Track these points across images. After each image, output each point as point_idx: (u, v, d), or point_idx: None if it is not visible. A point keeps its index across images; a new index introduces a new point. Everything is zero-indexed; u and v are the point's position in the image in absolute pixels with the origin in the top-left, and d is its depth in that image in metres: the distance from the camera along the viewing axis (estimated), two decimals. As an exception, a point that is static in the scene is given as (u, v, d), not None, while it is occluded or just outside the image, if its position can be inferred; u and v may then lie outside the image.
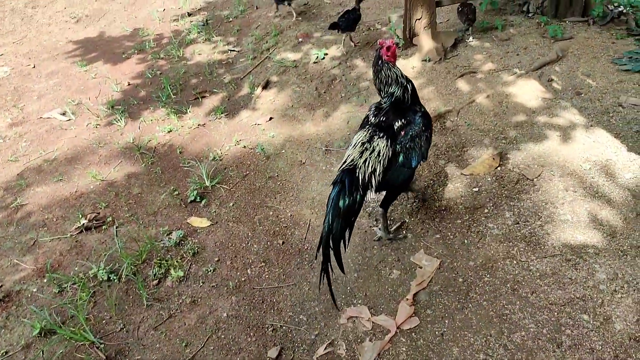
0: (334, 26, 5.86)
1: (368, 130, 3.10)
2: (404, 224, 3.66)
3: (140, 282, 3.43)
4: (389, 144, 3.02)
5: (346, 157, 3.06)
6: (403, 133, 3.06)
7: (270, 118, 5.15)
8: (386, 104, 3.14)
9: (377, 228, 3.63)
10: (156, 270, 3.57)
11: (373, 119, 3.17)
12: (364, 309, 3.09)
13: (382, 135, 3.04)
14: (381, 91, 3.16)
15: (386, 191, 3.27)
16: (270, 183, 4.30)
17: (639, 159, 3.72)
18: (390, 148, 3.02)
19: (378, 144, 3.01)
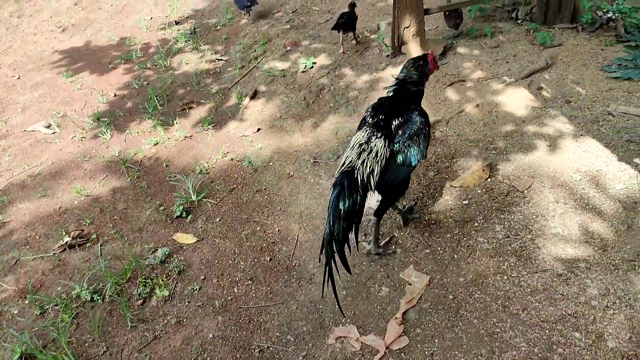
0: (337, 27, 5.99)
1: (366, 130, 3.11)
2: (393, 239, 3.60)
3: (124, 303, 3.35)
4: (387, 144, 3.01)
5: (344, 159, 3.06)
6: (401, 132, 3.05)
7: (258, 129, 5.09)
8: (391, 88, 3.29)
9: (366, 242, 3.57)
10: (141, 289, 3.50)
11: (370, 120, 3.18)
12: (353, 329, 3.02)
13: (380, 135, 3.04)
14: (405, 69, 3.32)
15: (383, 196, 3.24)
16: (257, 197, 4.23)
17: (630, 169, 3.68)
18: (388, 148, 3.01)
19: (375, 144, 3.00)
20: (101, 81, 6.65)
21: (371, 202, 3.53)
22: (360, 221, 3.03)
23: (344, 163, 3.03)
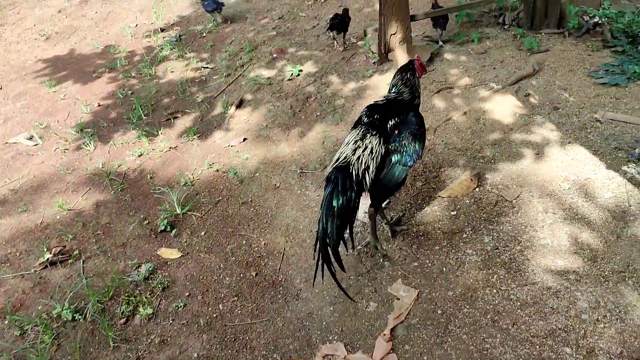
0: (332, 27, 6.11)
1: (361, 129, 3.10)
2: (404, 218, 3.66)
3: (106, 322, 3.27)
4: (382, 142, 3.01)
5: (338, 155, 3.04)
6: (397, 132, 3.05)
7: (244, 139, 5.01)
8: (383, 100, 3.24)
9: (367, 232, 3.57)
10: (124, 307, 3.41)
11: (366, 119, 3.17)
12: (340, 346, 2.96)
13: (375, 133, 3.04)
14: (394, 86, 3.29)
15: (378, 194, 3.22)
16: (243, 209, 4.16)
17: (618, 177, 3.65)
18: (382, 145, 3.00)
19: (370, 141, 3.00)
20: (85, 91, 6.54)
21: (360, 214, 3.49)
22: (354, 221, 2.98)
23: (338, 159, 3.01)
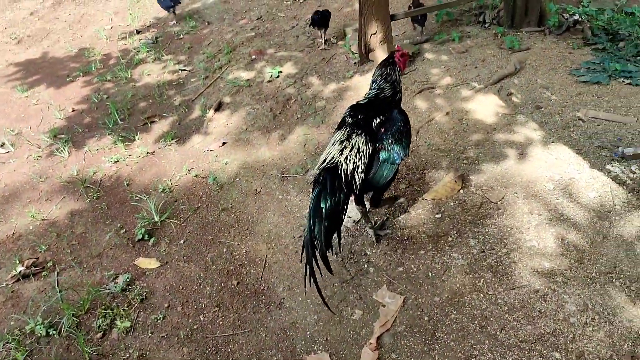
0: (313, 23, 6.07)
1: (346, 129, 3.06)
2: (387, 222, 3.63)
3: (82, 337, 3.14)
4: (368, 140, 2.96)
5: (325, 156, 2.98)
6: (383, 130, 3.02)
7: (223, 143, 4.90)
8: (364, 100, 3.19)
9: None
10: (100, 321, 3.28)
11: (350, 119, 3.12)
12: (325, 356, 2.87)
13: (360, 132, 2.99)
14: (374, 82, 3.22)
15: (374, 190, 3.20)
16: (223, 216, 4.05)
17: (602, 176, 3.62)
18: (369, 144, 2.96)
19: (357, 141, 2.95)
20: (58, 95, 6.36)
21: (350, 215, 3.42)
22: (341, 223, 2.91)
23: (325, 160, 2.95)
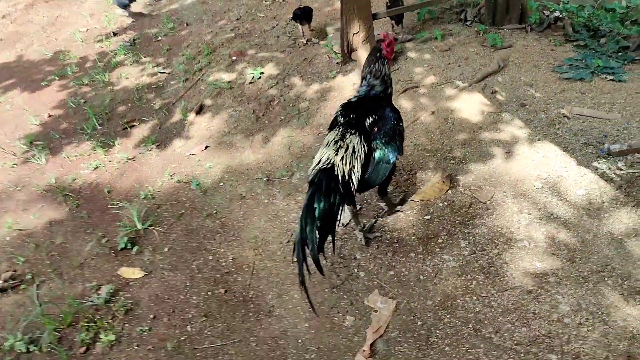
0: (295, 17, 6.10)
1: (339, 129, 3.01)
2: (376, 224, 3.57)
3: (63, 352, 3.02)
4: (362, 140, 2.92)
5: (320, 157, 2.91)
6: (377, 129, 2.98)
7: (205, 147, 4.79)
8: (354, 98, 3.14)
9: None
10: (83, 335, 3.15)
11: (342, 119, 3.06)
12: (318, 365, 2.81)
13: (354, 131, 2.94)
14: (364, 79, 3.15)
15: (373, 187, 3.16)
16: (208, 222, 3.95)
17: (589, 173, 3.61)
18: (364, 144, 2.92)
19: (351, 140, 2.90)
20: (33, 100, 6.18)
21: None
22: (336, 226, 2.83)
23: (320, 160, 2.89)
